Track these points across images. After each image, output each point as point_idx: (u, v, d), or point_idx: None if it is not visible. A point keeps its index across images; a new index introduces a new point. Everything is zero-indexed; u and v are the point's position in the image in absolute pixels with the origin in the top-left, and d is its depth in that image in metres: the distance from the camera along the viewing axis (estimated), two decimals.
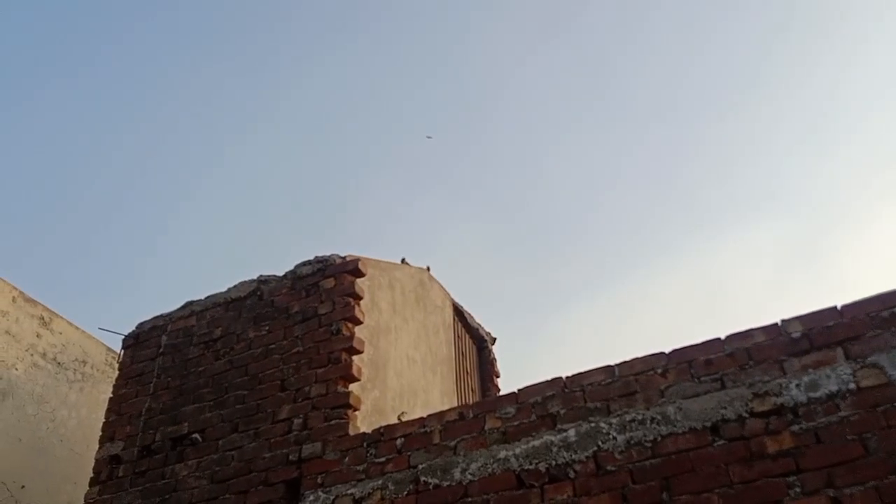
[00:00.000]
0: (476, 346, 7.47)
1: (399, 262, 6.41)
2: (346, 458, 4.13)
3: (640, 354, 3.81)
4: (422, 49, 20.94)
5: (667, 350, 3.66)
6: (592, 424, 3.58)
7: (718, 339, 3.58)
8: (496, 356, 7.56)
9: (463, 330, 7.29)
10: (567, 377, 3.81)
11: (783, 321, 3.52)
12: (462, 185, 21.05)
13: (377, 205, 21.62)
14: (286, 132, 21.31)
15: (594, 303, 20.37)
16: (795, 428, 3.21)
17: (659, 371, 3.61)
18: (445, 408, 5.82)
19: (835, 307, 3.44)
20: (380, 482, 3.93)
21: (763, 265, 18.51)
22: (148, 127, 20.84)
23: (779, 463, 3.17)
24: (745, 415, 3.33)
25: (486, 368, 7.35)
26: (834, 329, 3.38)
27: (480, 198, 20.70)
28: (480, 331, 7.52)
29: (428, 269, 6.87)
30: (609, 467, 3.44)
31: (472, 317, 7.45)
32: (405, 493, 3.82)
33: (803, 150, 18.19)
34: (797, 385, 3.31)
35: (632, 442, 3.45)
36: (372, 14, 20.65)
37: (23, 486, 6.41)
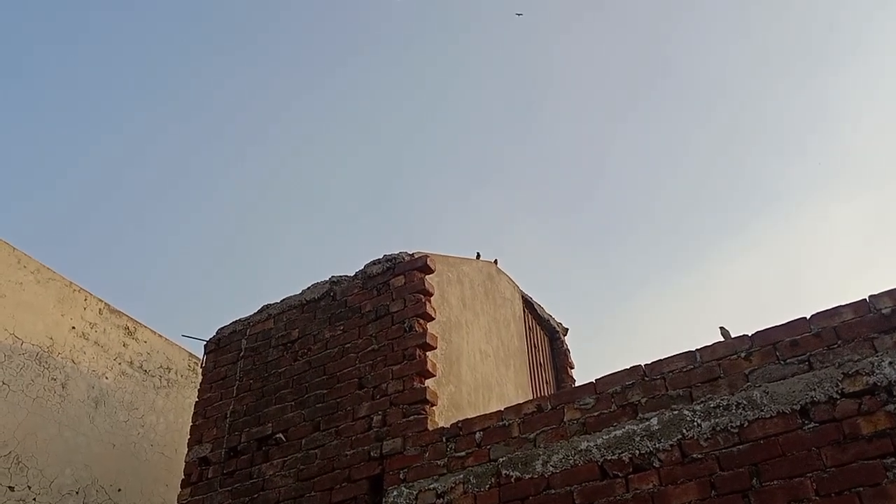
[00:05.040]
0: (548, 337, 7.43)
1: (470, 256, 6.42)
2: (427, 453, 4.17)
3: (721, 339, 3.73)
4: (477, 43, 20.88)
5: (750, 333, 3.56)
6: (675, 412, 3.51)
7: (804, 318, 3.46)
8: (569, 347, 7.50)
9: (534, 322, 7.26)
10: (646, 365, 3.75)
11: (871, 297, 3.37)
12: (524, 177, 20.94)
13: (440, 201, 21.72)
14: (346, 134, 21.59)
15: (667, 288, 19.97)
16: (891, 407, 3.08)
17: (742, 355, 3.51)
18: (520, 401, 5.82)
19: None
20: (461, 476, 3.95)
21: (844, 242, 17.80)
22: (217, 138, 21.44)
23: (874, 444, 3.04)
24: (835, 396, 3.21)
25: (559, 360, 7.30)
26: None
27: (543, 189, 20.56)
28: (551, 322, 7.47)
29: (496, 262, 6.86)
30: (695, 455, 3.37)
31: (542, 308, 7.41)
32: (487, 486, 3.83)
33: (876, 123, 17.37)
34: (890, 363, 3.17)
35: (717, 428, 3.37)
36: (424, 13, 20.71)
37: (119, 490, 6.71)
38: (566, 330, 7.59)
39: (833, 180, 18.57)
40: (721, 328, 3.91)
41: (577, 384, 7.13)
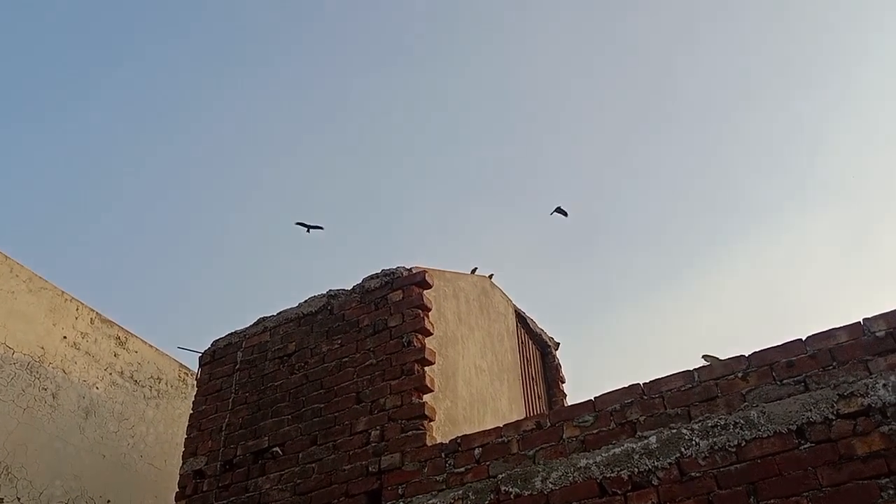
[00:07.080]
0: (540, 351, 7.47)
1: (465, 270, 6.46)
2: (425, 469, 4.19)
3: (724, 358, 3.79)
4: (463, 57, 21.00)
5: (746, 353, 3.63)
6: (674, 430, 3.57)
7: (799, 340, 3.54)
8: (560, 361, 7.55)
9: (526, 336, 7.30)
10: (645, 384, 3.80)
11: (866, 320, 3.46)
12: (507, 191, 21.05)
13: (427, 216, 21.77)
14: (335, 150, 21.62)
15: (652, 303, 20.12)
16: (885, 429, 3.15)
17: (739, 375, 3.58)
18: (514, 416, 5.86)
19: None
20: (460, 492, 3.98)
21: (822, 256, 18.05)
22: (213, 149, 21.39)
23: (869, 465, 3.11)
24: (831, 417, 3.28)
25: (551, 374, 7.35)
26: None
27: (526, 204, 20.67)
28: (543, 336, 7.52)
29: (490, 276, 6.90)
30: (693, 473, 3.42)
31: (534, 322, 7.46)
32: (486, 502, 3.85)
33: (854, 139, 17.64)
34: (884, 385, 3.25)
35: (715, 447, 3.43)
36: (413, 33, 20.82)
37: (108, 501, 6.65)
38: (557, 344, 7.65)
39: (811, 193, 18.86)
40: (705, 356, 3.94)
41: (567, 398, 7.19)
